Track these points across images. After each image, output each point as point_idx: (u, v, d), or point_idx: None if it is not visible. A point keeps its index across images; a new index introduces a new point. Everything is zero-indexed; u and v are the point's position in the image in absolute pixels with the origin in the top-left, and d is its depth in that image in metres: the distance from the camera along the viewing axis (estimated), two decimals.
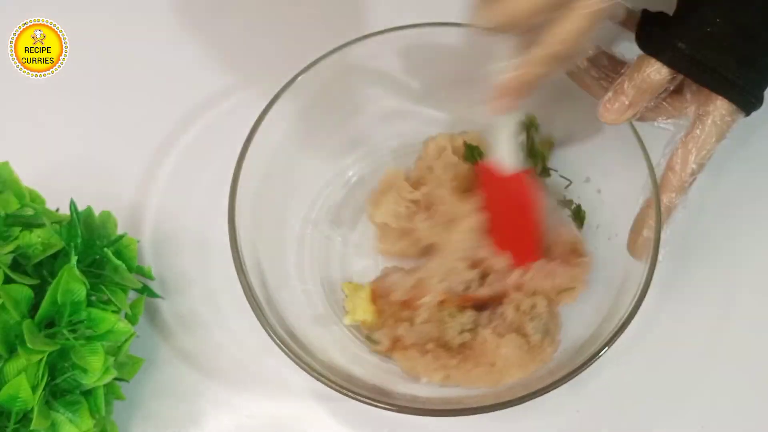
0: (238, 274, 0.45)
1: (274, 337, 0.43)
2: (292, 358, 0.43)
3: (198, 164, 0.58)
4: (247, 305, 0.45)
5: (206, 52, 0.63)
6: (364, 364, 0.49)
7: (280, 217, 0.54)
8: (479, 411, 0.42)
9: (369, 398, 0.42)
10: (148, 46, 0.63)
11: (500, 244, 0.50)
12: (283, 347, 0.43)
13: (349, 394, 0.42)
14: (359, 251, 0.55)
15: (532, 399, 0.42)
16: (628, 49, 0.50)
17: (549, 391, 0.42)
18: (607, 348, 0.43)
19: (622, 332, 0.43)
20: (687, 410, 0.50)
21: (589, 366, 0.42)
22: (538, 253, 0.50)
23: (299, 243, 0.54)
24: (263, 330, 0.44)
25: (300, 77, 0.49)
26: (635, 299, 0.44)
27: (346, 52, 0.50)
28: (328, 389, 0.43)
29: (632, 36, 0.48)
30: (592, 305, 0.48)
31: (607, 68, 0.50)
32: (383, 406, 0.42)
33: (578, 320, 0.49)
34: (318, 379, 0.43)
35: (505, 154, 0.47)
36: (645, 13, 0.48)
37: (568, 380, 0.42)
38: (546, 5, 0.38)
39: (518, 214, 0.50)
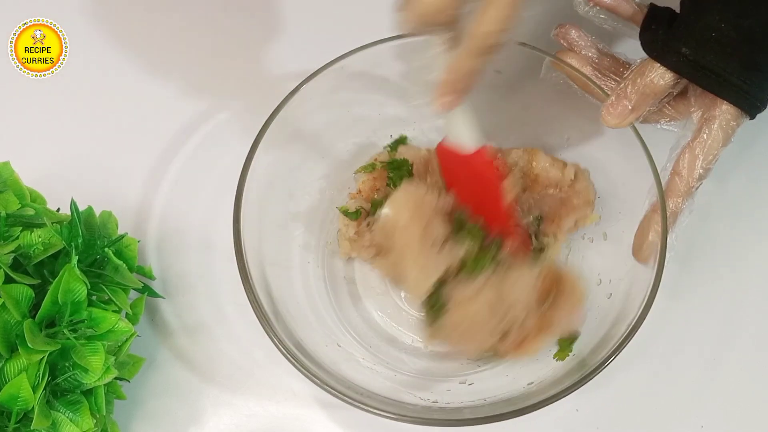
0: (245, 286, 0.45)
1: (284, 352, 0.43)
2: (302, 371, 0.43)
3: (201, 166, 0.58)
4: (248, 305, 0.45)
5: (210, 55, 0.63)
6: (373, 375, 0.49)
7: (284, 224, 0.54)
8: (488, 420, 0.42)
9: (381, 410, 0.42)
10: (149, 47, 0.63)
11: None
12: (294, 362, 0.43)
13: (360, 405, 0.42)
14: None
15: (543, 407, 0.42)
16: (630, 50, 0.50)
17: (560, 398, 0.42)
18: (617, 353, 0.43)
19: (631, 337, 0.43)
20: (687, 410, 0.51)
21: (599, 372, 0.42)
22: (510, 221, 0.50)
23: (305, 249, 0.54)
24: (262, 328, 0.44)
25: (304, 86, 0.49)
26: (643, 304, 0.44)
27: (349, 61, 0.50)
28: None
29: (635, 36, 0.48)
30: (599, 310, 0.49)
31: (610, 70, 0.50)
32: (396, 417, 0.42)
33: (587, 325, 0.49)
34: (328, 391, 0.42)
35: (464, 137, 0.46)
36: (652, 8, 0.48)
37: (580, 386, 0.42)
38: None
39: (484, 189, 0.49)
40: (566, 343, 0.48)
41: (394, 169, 0.54)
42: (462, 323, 0.47)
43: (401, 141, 0.56)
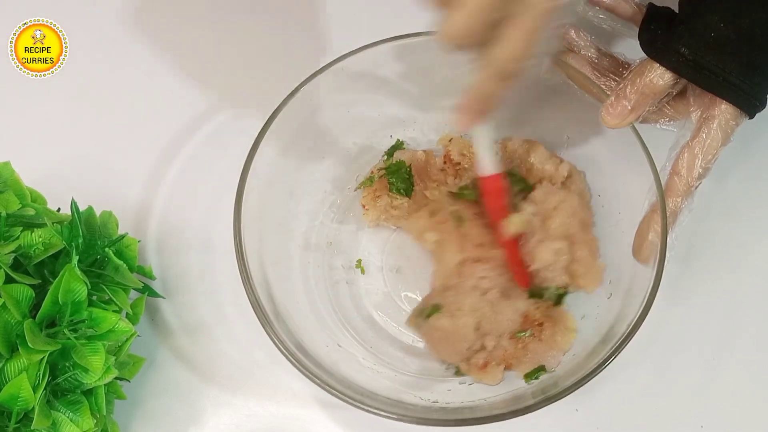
0: (245, 286, 0.45)
1: (285, 352, 0.43)
2: (302, 371, 0.43)
3: (201, 166, 0.58)
4: (248, 305, 0.45)
5: (210, 55, 0.63)
6: (373, 375, 0.49)
7: (284, 223, 0.54)
8: (488, 420, 0.42)
9: (381, 410, 0.42)
10: (148, 47, 0.63)
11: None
12: (294, 362, 0.43)
13: (360, 405, 0.42)
14: (364, 253, 0.55)
15: (543, 407, 0.42)
16: (630, 50, 0.50)
17: (560, 398, 0.42)
18: (617, 353, 0.43)
19: (631, 337, 0.43)
20: (687, 410, 0.51)
21: (599, 372, 0.42)
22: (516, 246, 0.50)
23: (305, 249, 0.54)
24: (262, 328, 0.44)
25: (304, 86, 0.49)
26: (643, 304, 0.44)
27: (349, 61, 0.50)
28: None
29: (634, 36, 0.48)
30: (599, 310, 0.49)
31: (609, 70, 0.50)
32: (396, 417, 0.42)
33: (586, 326, 0.49)
34: (328, 391, 0.43)
35: (483, 159, 0.47)
36: (651, 8, 0.48)
37: (580, 387, 0.42)
38: (490, 6, 0.35)
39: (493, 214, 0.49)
40: (530, 377, 0.48)
41: (393, 173, 0.54)
42: (444, 330, 0.48)
43: (397, 147, 0.56)
